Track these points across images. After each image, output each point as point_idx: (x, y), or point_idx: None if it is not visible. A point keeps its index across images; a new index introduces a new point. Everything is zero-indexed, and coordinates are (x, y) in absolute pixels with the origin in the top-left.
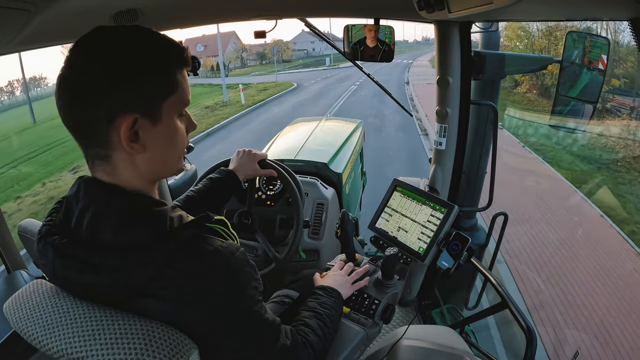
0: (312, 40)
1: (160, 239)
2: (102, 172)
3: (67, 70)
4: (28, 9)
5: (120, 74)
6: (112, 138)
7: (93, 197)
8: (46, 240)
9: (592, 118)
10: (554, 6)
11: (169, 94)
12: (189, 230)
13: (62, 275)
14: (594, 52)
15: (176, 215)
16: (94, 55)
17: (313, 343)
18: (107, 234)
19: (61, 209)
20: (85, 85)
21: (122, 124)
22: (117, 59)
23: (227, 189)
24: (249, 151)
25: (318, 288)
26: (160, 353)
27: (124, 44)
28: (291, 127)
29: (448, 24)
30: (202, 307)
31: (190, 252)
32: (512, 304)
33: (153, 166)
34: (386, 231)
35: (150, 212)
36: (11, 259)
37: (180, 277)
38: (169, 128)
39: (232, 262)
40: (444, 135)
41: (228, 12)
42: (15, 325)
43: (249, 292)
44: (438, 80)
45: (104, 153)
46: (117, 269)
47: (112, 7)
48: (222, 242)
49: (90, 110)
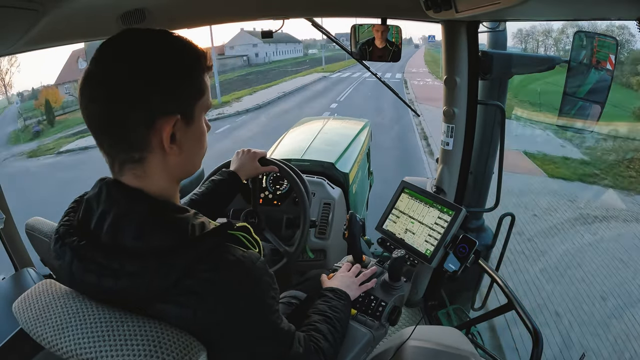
0: (256, 42)
1: (182, 247)
2: (132, 175)
3: (101, 73)
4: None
5: (159, 76)
6: (151, 140)
7: (115, 200)
8: (64, 242)
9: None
10: (561, 6)
11: (200, 96)
12: (211, 239)
13: (80, 279)
14: (602, 52)
15: (198, 222)
16: (131, 58)
17: (324, 349)
18: (128, 239)
19: (78, 208)
20: (125, 90)
21: (163, 126)
22: (156, 61)
23: (229, 190)
24: (249, 150)
25: (327, 290)
26: (169, 355)
27: (159, 46)
28: (298, 126)
29: (455, 23)
30: (220, 315)
31: (211, 261)
32: (519, 305)
33: (184, 166)
34: (393, 233)
35: (173, 219)
36: (19, 257)
37: (201, 286)
38: (200, 129)
39: (253, 271)
40: (451, 136)
41: (235, 12)
42: (25, 325)
43: (267, 301)
44: (445, 80)
45: (138, 156)
46: (136, 275)
47: (120, 7)
48: (244, 252)
49: (131, 114)
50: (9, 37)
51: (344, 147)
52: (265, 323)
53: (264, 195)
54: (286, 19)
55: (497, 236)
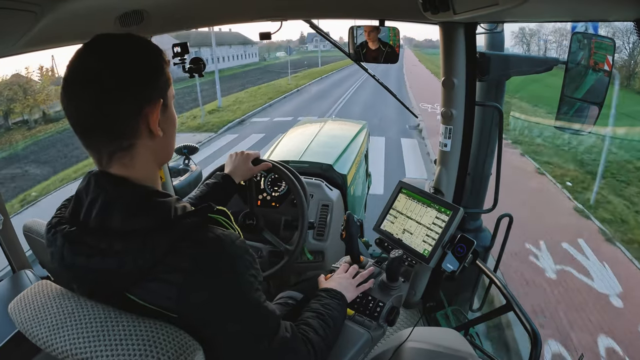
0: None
1: (164, 226)
2: (120, 165)
3: (85, 72)
4: (34, 11)
5: (139, 71)
6: (140, 127)
7: (103, 188)
8: (56, 229)
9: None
10: (559, 7)
11: (169, 84)
12: (191, 218)
13: (70, 262)
14: (599, 54)
15: (180, 206)
16: (113, 58)
17: (313, 341)
18: (116, 222)
19: (69, 205)
20: (113, 87)
21: (150, 112)
22: (134, 58)
23: (223, 193)
24: (242, 152)
25: (322, 290)
26: (165, 354)
27: (131, 46)
28: (296, 128)
29: (453, 25)
30: (203, 292)
31: (193, 238)
32: (517, 306)
33: (166, 148)
34: (391, 233)
35: (156, 202)
36: (16, 259)
37: (184, 262)
38: (173, 114)
39: (233, 248)
40: (449, 137)
41: (232, 13)
42: (20, 326)
43: (247, 278)
44: (443, 82)
45: (127, 144)
46: (123, 253)
47: (118, 8)
48: (224, 231)
49: (121, 106)
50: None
51: (342, 149)
52: (247, 300)
53: (262, 197)
54: (284, 21)
55: (496, 237)
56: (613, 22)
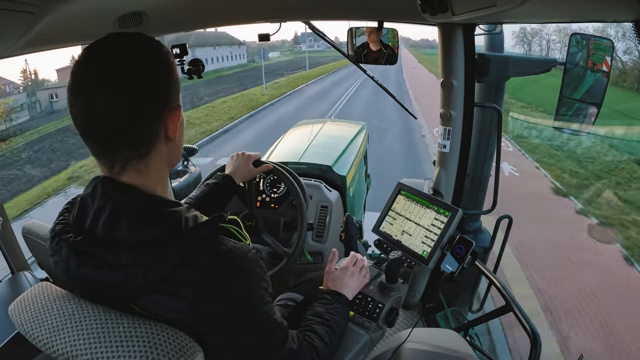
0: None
1: (175, 238)
2: (134, 171)
3: (104, 72)
4: (33, 12)
5: (163, 72)
6: (160, 132)
7: (110, 196)
8: (60, 238)
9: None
10: (557, 8)
11: (179, 88)
12: (203, 230)
13: (76, 273)
14: (597, 54)
15: (191, 216)
16: (134, 57)
17: (319, 349)
18: (123, 232)
19: (73, 209)
20: (136, 86)
21: (171, 115)
22: (155, 59)
23: (223, 193)
24: (243, 153)
25: (326, 292)
26: (165, 356)
27: (148, 47)
28: (295, 129)
29: (452, 26)
30: (213, 305)
31: (204, 251)
32: (517, 307)
33: (177, 151)
34: (390, 234)
35: (166, 212)
36: (15, 261)
37: (194, 276)
38: (181, 116)
39: (244, 262)
40: (448, 138)
41: (231, 15)
42: (20, 328)
43: (259, 292)
44: (442, 83)
45: (145, 150)
46: (131, 266)
47: (117, 10)
48: (235, 243)
49: (146, 108)
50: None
51: (341, 150)
52: (258, 313)
53: (261, 198)
54: (283, 22)
55: (495, 238)
56: (611, 22)
